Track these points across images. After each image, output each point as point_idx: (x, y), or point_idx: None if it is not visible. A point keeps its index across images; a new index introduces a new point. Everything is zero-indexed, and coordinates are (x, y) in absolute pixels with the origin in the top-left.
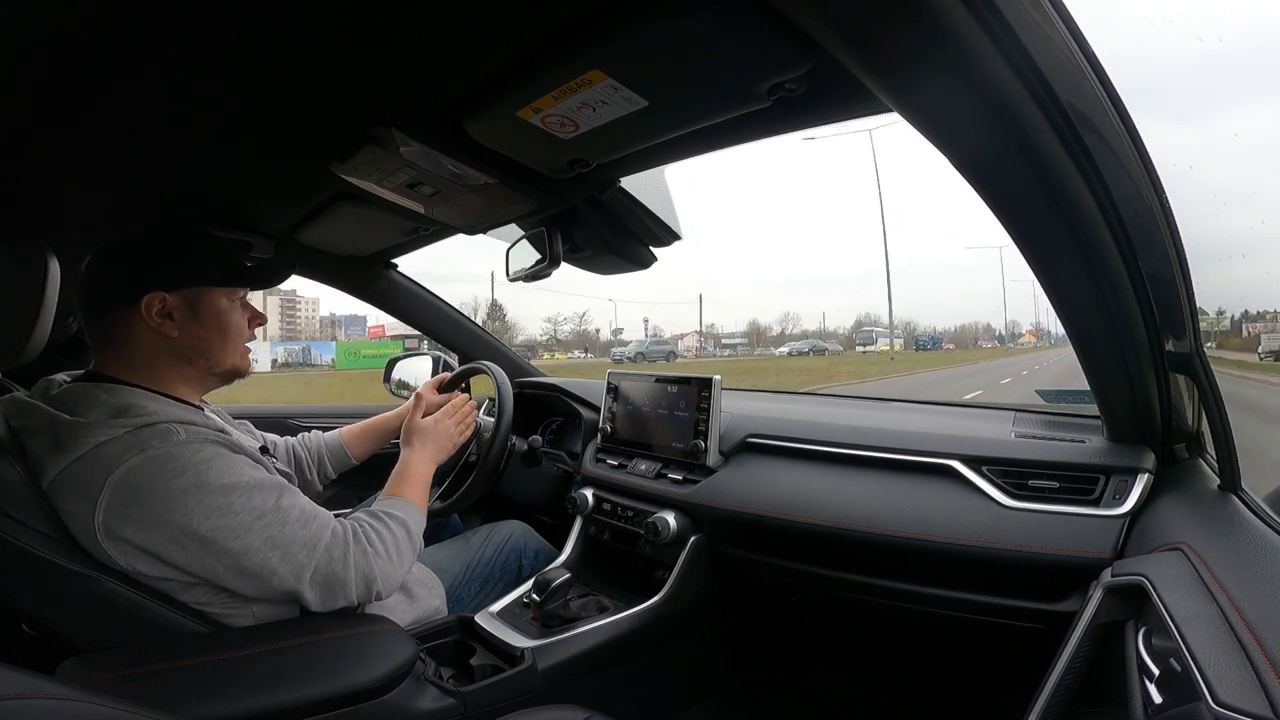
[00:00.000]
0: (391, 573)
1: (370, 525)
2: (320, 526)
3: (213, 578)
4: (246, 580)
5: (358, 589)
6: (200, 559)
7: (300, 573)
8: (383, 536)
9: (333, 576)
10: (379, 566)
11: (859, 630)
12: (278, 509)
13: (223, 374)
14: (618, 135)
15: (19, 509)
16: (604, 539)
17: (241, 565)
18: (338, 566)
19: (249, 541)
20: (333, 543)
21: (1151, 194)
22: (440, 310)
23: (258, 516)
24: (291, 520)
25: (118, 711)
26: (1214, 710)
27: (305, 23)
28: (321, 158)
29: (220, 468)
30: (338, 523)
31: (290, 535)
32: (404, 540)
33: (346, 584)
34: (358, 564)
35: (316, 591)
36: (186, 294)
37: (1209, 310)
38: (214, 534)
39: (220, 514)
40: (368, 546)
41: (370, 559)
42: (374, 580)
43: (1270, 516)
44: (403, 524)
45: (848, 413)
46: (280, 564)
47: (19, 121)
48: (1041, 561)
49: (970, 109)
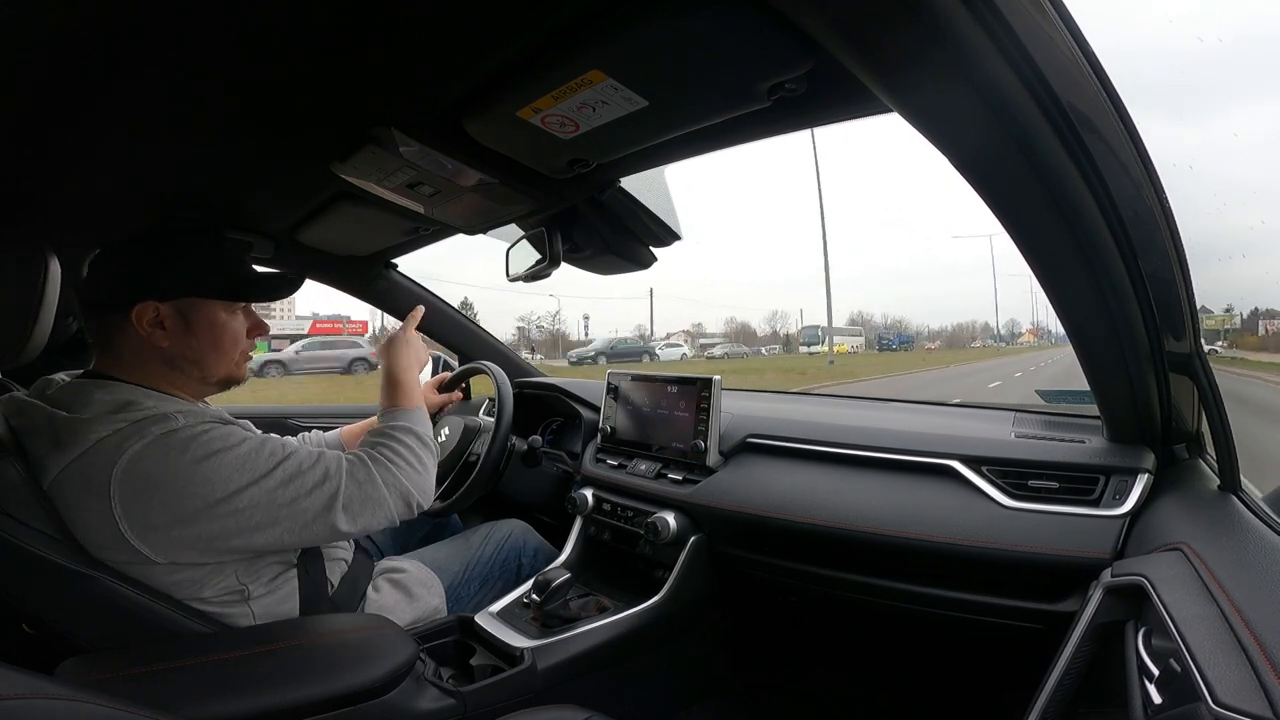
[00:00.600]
0: (422, 482)
1: (382, 444)
2: (334, 458)
3: (251, 537)
4: (283, 529)
5: (396, 505)
6: (234, 520)
7: (332, 503)
8: (399, 452)
9: (366, 499)
10: (408, 478)
11: (859, 630)
12: (288, 455)
13: (217, 383)
14: (618, 135)
15: (19, 509)
16: (604, 539)
17: (275, 515)
18: (368, 489)
19: (271, 488)
20: (352, 469)
21: (1151, 194)
22: (440, 310)
23: (274, 465)
24: (304, 458)
25: (118, 711)
26: (1214, 710)
27: (305, 23)
28: (321, 158)
29: (221, 435)
30: (349, 455)
31: (309, 470)
32: (419, 448)
33: (383, 502)
34: (386, 481)
35: (354, 519)
36: (180, 304)
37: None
38: (238, 492)
39: (237, 471)
40: (388, 464)
41: (397, 473)
42: (409, 493)
43: (1270, 516)
44: (410, 432)
45: (848, 413)
46: (309, 500)
47: (19, 121)
48: (1041, 561)
49: (970, 109)
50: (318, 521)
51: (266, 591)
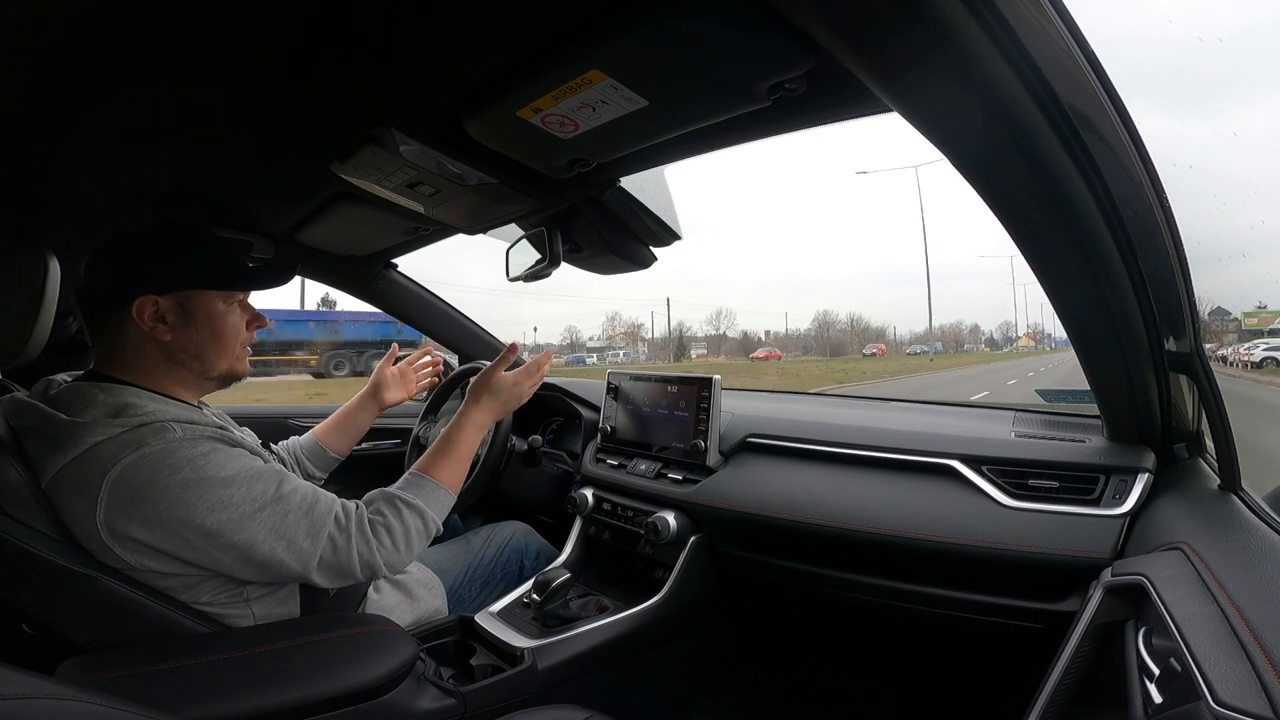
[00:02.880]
0: (396, 561)
1: (381, 514)
2: (323, 513)
3: (222, 570)
4: (255, 570)
5: (363, 573)
6: (207, 553)
7: (307, 561)
8: (391, 529)
9: (338, 564)
10: (383, 556)
11: (859, 630)
12: (279, 498)
13: (218, 377)
14: (618, 135)
15: (19, 509)
16: (604, 539)
17: (249, 556)
18: (342, 556)
19: (253, 534)
20: (336, 532)
21: (1151, 194)
22: (440, 310)
23: (260, 508)
24: (293, 508)
25: (118, 711)
26: (1214, 710)
27: (305, 23)
28: (321, 158)
29: (218, 461)
30: (341, 507)
31: (293, 524)
32: (416, 530)
33: (352, 570)
34: (361, 554)
35: (324, 576)
36: (179, 297)
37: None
38: (218, 528)
39: (222, 507)
40: (372, 538)
41: (374, 551)
42: (378, 569)
43: (1270, 516)
44: (419, 513)
45: (848, 413)
46: (286, 554)
47: (19, 122)
48: (1041, 561)
49: (970, 109)
50: (288, 572)
51: (266, 593)
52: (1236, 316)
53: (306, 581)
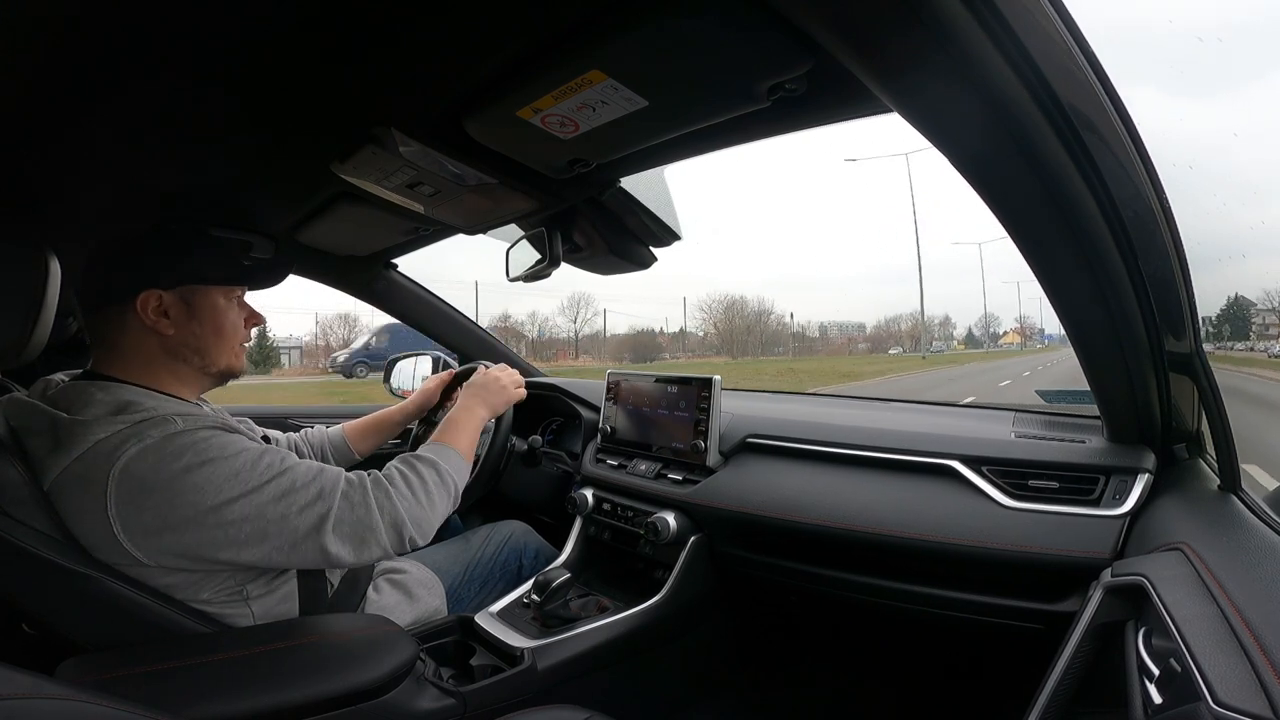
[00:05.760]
0: (421, 515)
1: (394, 469)
2: (333, 476)
3: (239, 553)
4: (271, 546)
5: (388, 535)
6: (224, 532)
7: (322, 524)
8: (408, 479)
9: (358, 524)
10: (405, 509)
11: (859, 630)
12: (284, 470)
13: (217, 373)
14: (618, 135)
15: (19, 509)
16: (604, 539)
17: (264, 530)
18: (360, 512)
19: (263, 503)
20: (349, 489)
21: (1151, 194)
22: (440, 310)
23: (267, 480)
24: (300, 475)
25: (118, 711)
26: (1214, 710)
27: (305, 23)
28: (321, 158)
29: (219, 443)
30: (352, 473)
31: (302, 489)
32: (433, 482)
33: (374, 529)
34: (381, 506)
35: (345, 544)
36: (182, 292)
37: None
38: (229, 503)
39: (229, 482)
40: (389, 488)
41: (395, 500)
42: (402, 524)
43: (1270, 516)
44: (432, 465)
45: (847, 413)
46: (300, 519)
47: (20, 121)
48: (1041, 562)
49: (970, 109)
50: (307, 541)
51: (266, 592)
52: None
53: (326, 555)
